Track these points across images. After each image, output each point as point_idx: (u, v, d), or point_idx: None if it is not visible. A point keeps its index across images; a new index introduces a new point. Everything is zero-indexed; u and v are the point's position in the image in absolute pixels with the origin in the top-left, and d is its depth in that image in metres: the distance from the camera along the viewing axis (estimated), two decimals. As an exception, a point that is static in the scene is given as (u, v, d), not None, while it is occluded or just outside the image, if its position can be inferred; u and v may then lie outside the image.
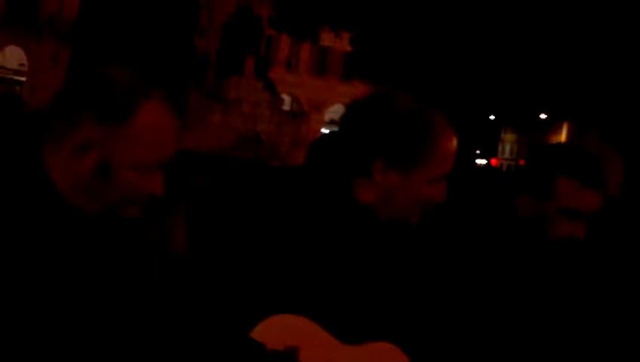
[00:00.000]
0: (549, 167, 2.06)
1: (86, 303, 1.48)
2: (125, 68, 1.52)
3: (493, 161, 45.08)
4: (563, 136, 36.50)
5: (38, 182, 1.46)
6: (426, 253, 1.95)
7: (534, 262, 2.08)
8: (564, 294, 2.16)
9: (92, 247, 1.51)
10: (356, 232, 1.78)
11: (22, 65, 36.20)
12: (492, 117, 31.95)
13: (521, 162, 2.37)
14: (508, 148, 54.89)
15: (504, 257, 2.05)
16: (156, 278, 1.71)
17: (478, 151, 33.78)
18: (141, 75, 1.51)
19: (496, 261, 2.03)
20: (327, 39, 25.96)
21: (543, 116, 36.08)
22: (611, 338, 2.33)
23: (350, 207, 1.78)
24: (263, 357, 1.61)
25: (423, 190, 1.80)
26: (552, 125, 38.93)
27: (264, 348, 1.61)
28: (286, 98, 40.28)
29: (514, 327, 2.02)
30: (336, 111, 42.81)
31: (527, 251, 2.07)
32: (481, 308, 1.98)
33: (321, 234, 1.74)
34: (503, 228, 2.09)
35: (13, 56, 36.30)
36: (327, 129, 37.68)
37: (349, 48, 25.60)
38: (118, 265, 1.56)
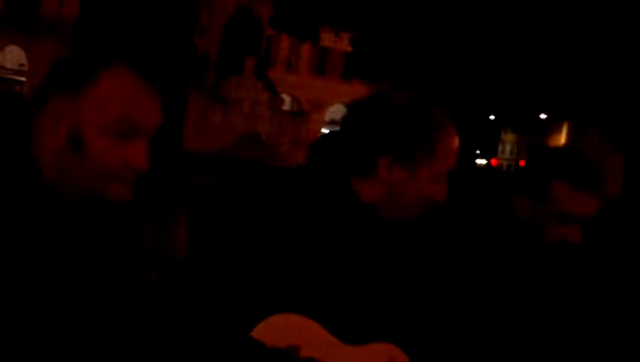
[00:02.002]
0: (545, 171, 2.06)
1: (76, 299, 1.47)
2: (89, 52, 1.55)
3: (493, 161, 45.10)
4: (563, 136, 36.48)
5: (29, 175, 1.47)
6: (427, 254, 1.96)
7: (533, 264, 2.08)
8: (563, 295, 2.16)
9: (81, 240, 1.50)
10: (358, 232, 1.78)
11: (22, 65, 36.20)
12: (492, 117, 31.94)
13: (522, 162, 2.37)
14: (508, 148, 54.90)
15: (503, 258, 2.05)
16: (155, 277, 1.71)
17: (478, 151, 33.78)
18: (104, 53, 1.53)
19: (495, 262, 2.03)
20: (327, 39, 25.93)
21: (543, 116, 36.07)
22: (610, 339, 2.33)
23: (352, 207, 1.78)
24: (264, 356, 1.61)
25: (427, 187, 1.80)
26: (552, 125, 38.91)
27: (265, 346, 1.61)
28: (286, 98, 40.28)
29: (513, 328, 2.02)
30: (336, 111, 42.79)
31: (525, 252, 2.07)
32: (480, 309, 1.98)
33: (323, 233, 1.74)
34: (502, 229, 2.09)
35: (13, 56, 36.32)
36: (327, 129, 37.65)
37: (349, 48, 25.60)
38: (108, 257, 1.55)
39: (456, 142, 1.84)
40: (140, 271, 1.63)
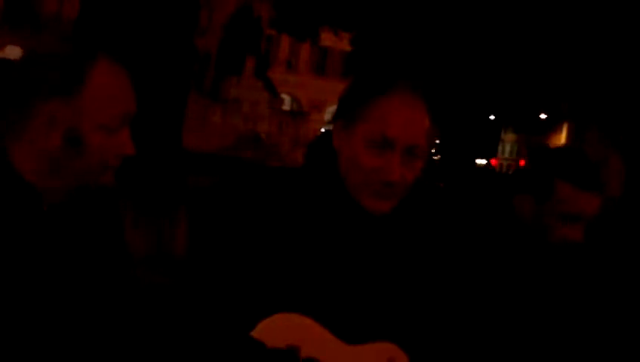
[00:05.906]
0: (548, 171, 2.06)
1: (58, 295, 1.48)
2: (63, 41, 1.59)
3: (493, 161, 45.10)
4: (563, 136, 36.52)
5: (6, 175, 1.49)
6: (428, 253, 1.95)
7: (533, 264, 2.08)
8: (564, 295, 2.17)
9: (61, 236, 1.54)
10: (356, 231, 1.78)
11: (22, 65, 36.17)
12: (492, 117, 31.96)
13: (522, 162, 2.37)
14: (508, 148, 54.85)
15: (503, 258, 2.05)
16: (156, 279, 1.71)
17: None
18: (83, 42, 1.57)
19: (495, 261, 2.04)
20: (327, 39, 25.96)
21: (543, 116, 36.09)
22: (612, 338, 2.33)
23: (348, 206, 1.78)
24: (264, 356, 1.61)
25: (360, 151, 1.68)
26: (552, 125, 38.93)
27: (265, 347, 1.61)
28: (286, 98, 40.27)
29: (514, 327, 2.02)
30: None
31: (525, 252, 2.08)
32: (481, 309, 1.98)
33: (321, 232, 1.74)
34: (502, 228, 2.09)
35: (13, 56, 36.33)
36: (327, 129, 37.62)
37: (349, 48, 25.61)
38: (88, 251, 1.58)
39: (404, 111, 1.68)
40: (122, 266, 1.65)
